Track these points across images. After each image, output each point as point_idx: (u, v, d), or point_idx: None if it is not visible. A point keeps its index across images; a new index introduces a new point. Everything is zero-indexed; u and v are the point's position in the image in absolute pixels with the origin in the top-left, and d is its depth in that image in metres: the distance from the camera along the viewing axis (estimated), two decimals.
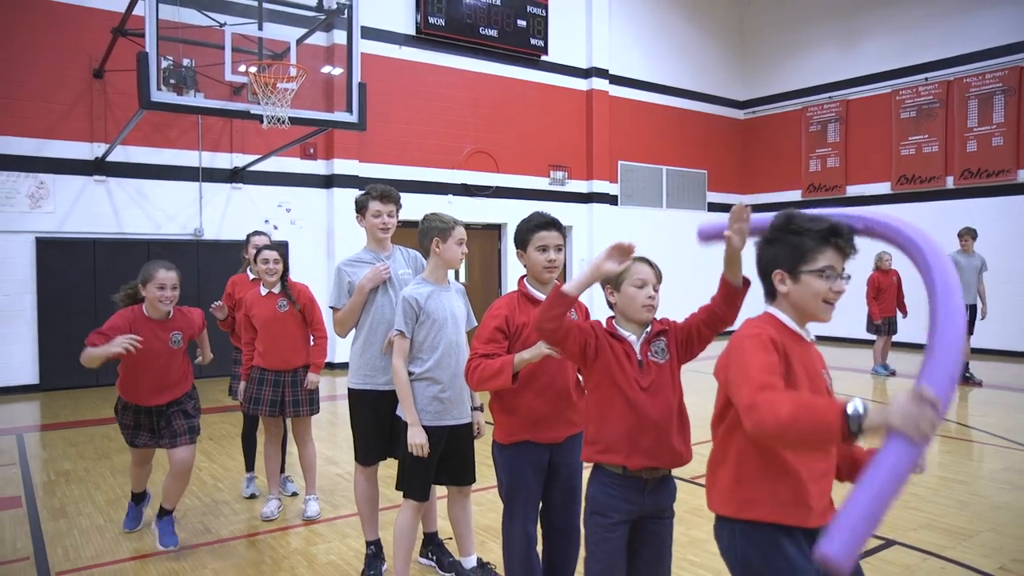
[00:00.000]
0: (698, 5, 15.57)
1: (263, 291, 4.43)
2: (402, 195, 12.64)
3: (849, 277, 1.92)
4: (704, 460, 2.07)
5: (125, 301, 3.85)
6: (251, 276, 5.00)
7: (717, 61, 15.95)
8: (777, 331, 1.91)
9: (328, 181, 11.04)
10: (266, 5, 7.48)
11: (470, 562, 3.48)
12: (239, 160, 10.30)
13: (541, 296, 2.77)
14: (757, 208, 10.57)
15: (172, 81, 9.27)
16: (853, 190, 14.23)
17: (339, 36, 10.14)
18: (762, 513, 1.88)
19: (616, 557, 2.39)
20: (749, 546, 1.89)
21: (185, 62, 9.35)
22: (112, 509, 4.63)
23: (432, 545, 3.71)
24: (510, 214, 12.91)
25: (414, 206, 11.82)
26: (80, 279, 9.17)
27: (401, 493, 3.21)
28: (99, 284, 9.18)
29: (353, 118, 7.33)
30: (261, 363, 4.41)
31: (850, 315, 10.78)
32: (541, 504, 2.87)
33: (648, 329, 2.42)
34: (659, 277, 2.44)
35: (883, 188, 13.80)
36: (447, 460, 3.22)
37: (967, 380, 9.27)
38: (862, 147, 14.13)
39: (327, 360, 4.88)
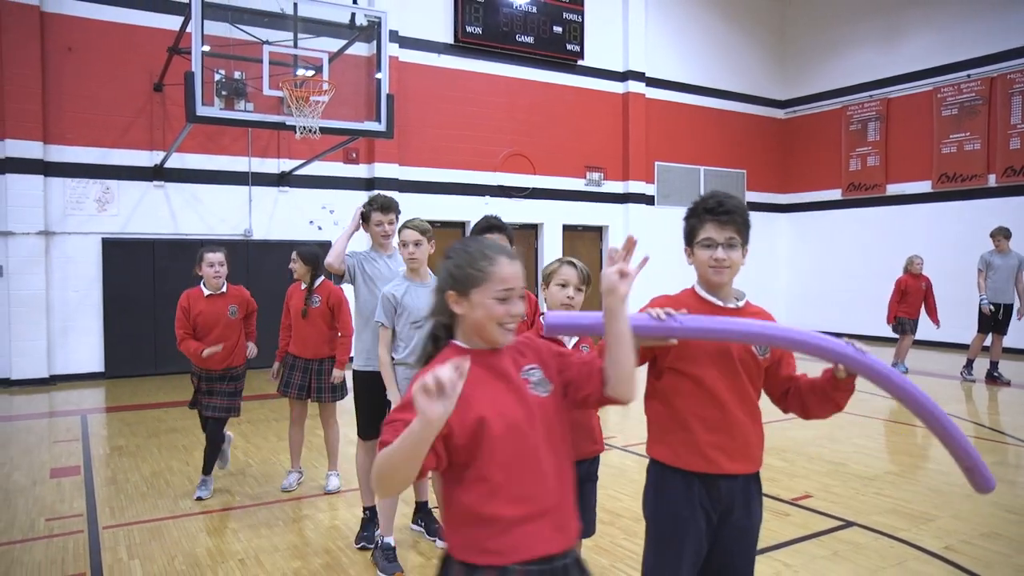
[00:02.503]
0: (737, 6, 15.65)
1: (303, 286, 5.00)
2: (441, 197, 13.14)
3: (741, 245, 2.15)
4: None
5: None
6: (206, 292, 4.76)
7: (757, 61, 15.99)
8: (687, 299, 2.18)
9: (369, 184, 11.63)
10: (303, 24, 8.06)
11: None
12: (285, 165, 10.99)
13: None
14: (796, 207, 10.71)
15: (224, 93, 10.02)
16: (893, 189, 14.12)
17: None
18: (661, 455, 2.21)
19: None
20: (648, 479, 2.26)
21: (236, 75, 10.10)
22: (155, 479, 5.24)
23: (422, 513, 4.16)
24: (546, 214, 13.33)
25: (452, 207, 12.43)
26: (141, 277, 9.98)
27: None
28: (158, 281, 9.98)
29: (381, 127, 7.87)
30: (294, 350, 4.97)
31: (874, 314, 10.79)
32: None
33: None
34: (583, 280, 2.81)
35: (923, 187, 13.65)
36: None
37: (995, 379, 9.24)
38: (902, 145, 14.00)
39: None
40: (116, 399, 8.52)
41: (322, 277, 5.00)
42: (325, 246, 5.07)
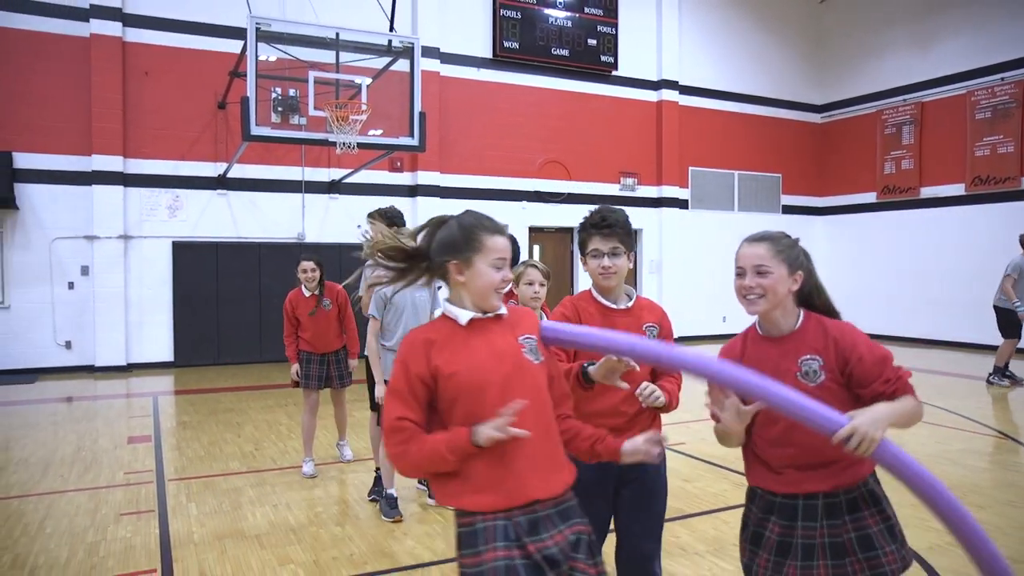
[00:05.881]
0: (772, 12, 15.97)
1: (306, 293, 5.59)
2: (480, 202, 13.95)
3: (625, 253, 2.48)
4: None
5: None
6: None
7: (792, 67, 16.26)
8: (583, 302, 2.53)
9: (413, 191, 12.52)
10: (348, 45, 8.96)
11: None
12: (336, 174, 11.97)
13: None
14: (832, 209, 11.32)
15: (280, 109, 11.04)
16: (927, 192, 14.25)
17: (422, 64, 11.55)
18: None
19: None
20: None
21: (291, 92, 11.10)
22: (211, 447, 6.17)
23: None
24: (581, 219, 13.94)
25: (491, 212, 13.05)
26: (206, 275, 11.11)
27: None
28: (220, 279, 11.09)
29: (414, 141, 8.70)
30: (309, 348, 5.51)
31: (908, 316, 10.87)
32: None
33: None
34: (545, 276, 3.55)
35: (957, 189, 13.77)
36: None
37: (1009, 380, 9.47)
38: (936, 149, 14.12)
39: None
40: (183, 384, 9.61)
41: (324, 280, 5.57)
42: (316, 256, 5.62)
